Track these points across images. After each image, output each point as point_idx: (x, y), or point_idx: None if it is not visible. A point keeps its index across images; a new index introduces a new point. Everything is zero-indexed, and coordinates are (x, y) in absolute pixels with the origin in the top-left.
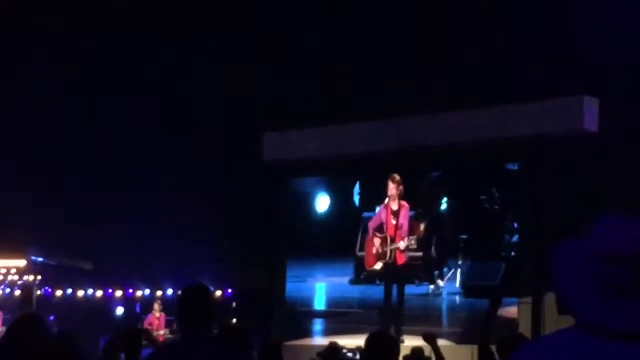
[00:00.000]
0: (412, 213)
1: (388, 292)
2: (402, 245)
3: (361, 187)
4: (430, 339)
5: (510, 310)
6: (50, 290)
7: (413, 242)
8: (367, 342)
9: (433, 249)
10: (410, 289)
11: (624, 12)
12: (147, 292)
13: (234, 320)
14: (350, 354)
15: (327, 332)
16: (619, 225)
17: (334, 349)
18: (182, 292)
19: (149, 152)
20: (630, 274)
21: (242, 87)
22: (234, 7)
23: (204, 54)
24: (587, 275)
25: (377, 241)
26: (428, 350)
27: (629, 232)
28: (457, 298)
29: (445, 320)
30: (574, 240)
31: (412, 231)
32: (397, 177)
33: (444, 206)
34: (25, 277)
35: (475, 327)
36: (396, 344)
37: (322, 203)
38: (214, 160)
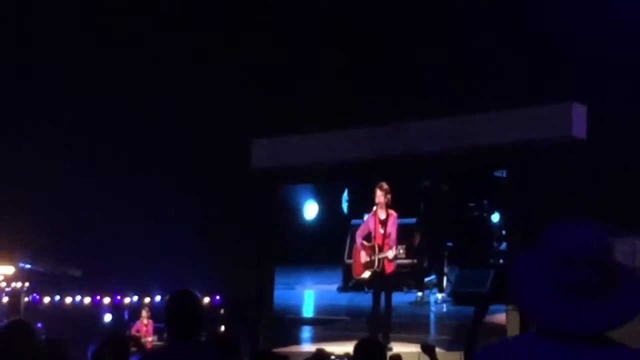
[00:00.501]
0: (409, 221)
1: (376, 300)
2: (391, 254)
3: (349, 195)
4: (428, 350)
5: (498, 317)
6: (37, 297)
7: (401, 250)
8: (356, 348)
9: (421, 256)
10: (399, 296)
11: (613, 21)
12: (135, 298)
13: (222, 327)
14: None
15: (315, 339)
16: (575, 230)
17: (321, 355)
18: (170, 298)
19: (137, 159)
20: (585, 276)
21: (231, 93)
22: (225, 12)
23: (192, 59)
24: (545, 279)
25: (364, 250)
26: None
27: (584, 236)
28: (445, 305)
29: (433, 327)
30: (533, 248)
31: (402, 239)
32: (385, 185)
33: (431, 213)
34: (13, 284)
35: (463, 334)
36: (383, 350)
37: (311, 210)
38: (202, 166)
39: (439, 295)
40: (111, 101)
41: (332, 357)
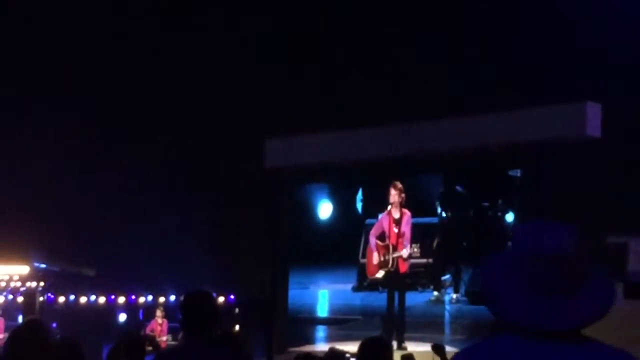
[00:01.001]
0: (423, 220)
1: (390, 299)
2: (405, 253)
3: (364, 194)
4: (438, 350)
5: None
6: (52, 296)
7: (416, 249)
8: (360, 347)
9: (435, 255)
10: (413, 296)
11: (627, 18)
12: (150, 298)
13: (237, 327)
14: None
15: (330, 339)
16: (543, 228)
17: (335, 354)
18: (186, 298)
19: (152, 158)
20: (555, 274)
21: (244, 92)
22: (235, 9)
23: (205, 58)
24: (514, 277)
25: (378, 249)
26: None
27: (553, 234)
28: (460, 305)
29: (447, 327)
30: (504, 249)
31: (416, 239)
32: (399, 185)
33: (446, 212)
34: (28, 284)
35: (477, 333)
36: (389, 349)
37: (325, 210)
38: (216, 166)
39: (454, 295)
40: (124, 102)
41: (347, 355)
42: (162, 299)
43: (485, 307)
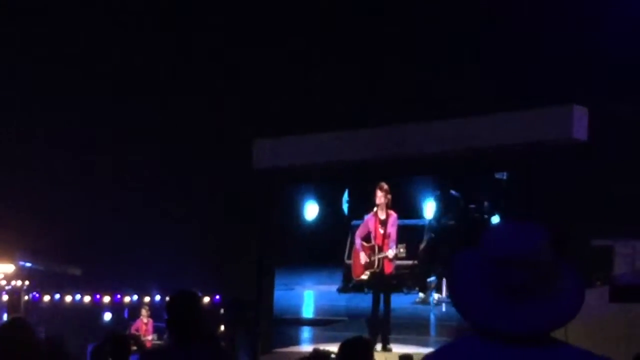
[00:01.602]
0: (409, 222)
1: (376, 300)
2: (391, 253)
3: (350, 195)
4: None
5: None
6: (38, 295)
7: (402, 249)
8: (340, 348)
9: (421, 257)
10: (399, 298)
11: (615, 23)
12: (135, 297)
13: (222, 327)
14: None
15: (315, 340)
16: (510, 231)
17: (318, 355)
18: (171, 299)
19: (138, 158)
20: (520, 277)
21: (233, 93)
22: (225, 12)
23: (195, 60)
24: (480, 280)
25: (364, 250)
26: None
27: (518, 237)
28: (445, 306)
29: (433, 328)
30: (469, 249)
31: (401, 240)
32: (385, 186)
33: (432, 214)
34: (13, 282)
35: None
36: (369, 348)
37: (311, 210)
38: (203, 166)
39: (436, 296)
40: (113, 103)
41: (332, 355)
42: (147, 299)
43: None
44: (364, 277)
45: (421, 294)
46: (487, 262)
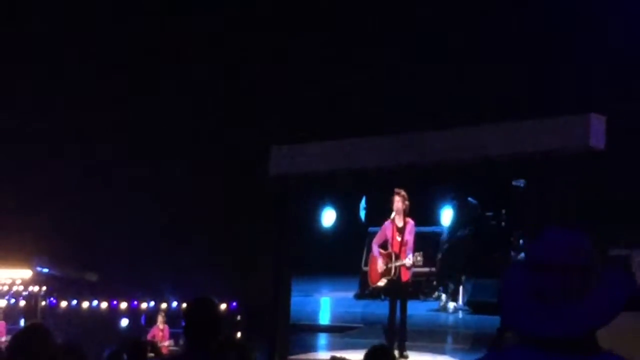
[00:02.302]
0: (426, 229)
1: (392, 307)
2: (408, 262)
3: (367, 202)
4: None
5: None
6: (54, 301)
7: (419, 257)
8: (366, 355)
9: (439, 264)
10: (415, 305)
11: (632, 30)
12: (152, 304)
13: (239, 334)
14: None
15: (331, 347)
16: (548, 237)
17: None
18: (188, 305)
19: (155, 164)
20: (551, 281)
21: (249, 99)
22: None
23: (212, 64)
24: (521, 287)
25: (381, 258)
26: None
27: (553, 242)
28: (462, 314)
29: (449, 336)
30: (506, 258)
31: (419, 248)
32: (403, 193)
33: (449, 222)
34: (30, 288)
35: (479, 343)
36: (391, 355)
37: (328, 217)
38: (220, 174)
39: (451, 305)
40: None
41: None
42: (164, 305)
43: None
44: (381, 284)
45: (441, 302)
46: (526, 267)
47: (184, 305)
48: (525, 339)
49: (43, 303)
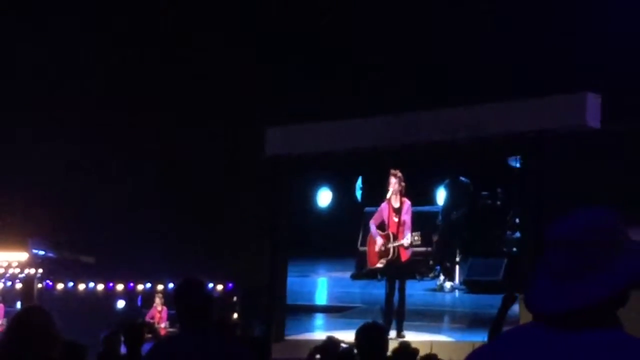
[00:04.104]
0: (422, 209)
1: (390, 287)
2: (406, 241)
3: (363, 182)
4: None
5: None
6: (51, 283)
7: (416, 237)
8: (357, 333)
9: (435, 244)
10: (412, 284)
11: (627, 9)
12: (148, 285)
13: (235, 315)
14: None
15: (328, 327)
16: (568, 215)
17: (332, 342)
18: (176, 288)
19: (150, 145)
20: (562, 258)
21: (244, 80)
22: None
23: (205, 46)
24: (539, 265)
25: (379, 239)
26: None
27: (569, 220)
28: (458, 293)
29: (446, 315)
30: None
31: (416, 227)
32: (399, 173)
33: (443, 202)
34: (27, 270)
35: (476, 322)
36: (384, 335)
37: (324, 198)
38: (216, 154)
39: (448, 284)
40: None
41: (342, 344)
42: (160, 287)
43: None
44: (380, 265)
45: (437, 282)
46: (544, 245)
47: (172, 286)
48: (536, 317)
49: (39, 285)
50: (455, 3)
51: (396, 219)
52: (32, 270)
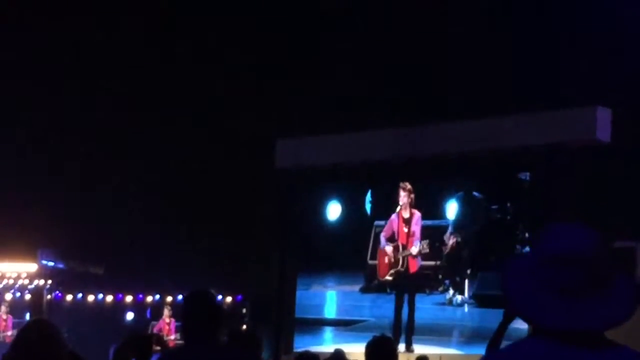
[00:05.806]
0: (432, 223)
1: (399, 301)
2: (414, 250)
3: (373, 195)
4: None
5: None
6: (60, 294)
7: (425, 245)
8: (367, 347)
9: (445, 258)
10: (421, 298)
11: (639, 24)
12: (157, 297)
13: (244, 327)
14: None
15: (337, 341)
16: (567, 230)
17: (339, 355)
18: (185, 299)
19: (161, 157)
20: (575, 276)
21: (255, 93)
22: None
23: (217, 58)
24: (537, 279)
25: (389, 249)
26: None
27: (575, 236)
28: (468, 307)
29: (455, 329)
30: (522, 254)
31: (425, 238)
32: (408, 186)
33: (454, 215)
34: (36, 281)
35: (485, 336)
36: (394, 349)
37: (334, 211)
38: (226, 166)
39: (459, 297)
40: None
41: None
42: (169, 298)
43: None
44: (389, 277)
45: (447, 296)
46: (545, 262)
47: (181, 298)
48: (540, 331)
49: (48, 296)
50: (469, 17)
51: (406, 230)
52: (42, 282)
